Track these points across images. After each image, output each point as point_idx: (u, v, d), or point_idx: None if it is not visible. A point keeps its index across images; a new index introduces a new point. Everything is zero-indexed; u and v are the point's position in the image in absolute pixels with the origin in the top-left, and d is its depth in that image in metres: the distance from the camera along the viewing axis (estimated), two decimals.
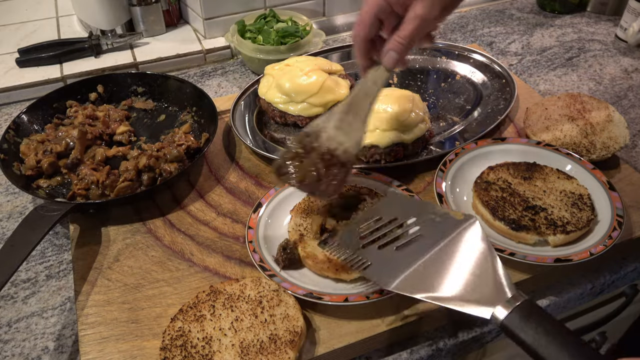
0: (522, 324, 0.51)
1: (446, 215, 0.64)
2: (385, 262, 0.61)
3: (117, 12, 1.17)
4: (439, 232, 0.62)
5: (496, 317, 0.53)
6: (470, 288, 0.56)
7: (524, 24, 1.35)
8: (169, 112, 0.98)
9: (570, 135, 0.86)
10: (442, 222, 0.63)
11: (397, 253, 0.62)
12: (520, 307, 0.52)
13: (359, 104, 0.68)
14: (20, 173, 0.82)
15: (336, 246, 0.65)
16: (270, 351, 0.57)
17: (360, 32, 0.65)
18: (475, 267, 0.57)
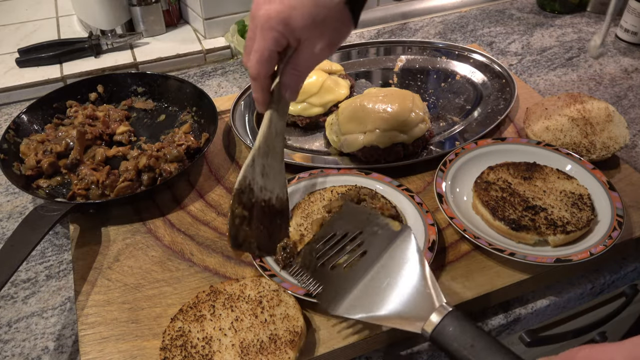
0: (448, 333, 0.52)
1: (386, 226, 0.65)
2: (334, 284, 0.62)
3: (117, 12, 1.17)
4: (379, 246, 0.63)
5: (426, 330, 0.54)
6: (403, 303, 0.57)
7: (524, 24, 1.35)
8: (169, 112, 0.98)
9: (570, 135, 0.86)
10: (382, 234, 0.64)
11: (344, 273, 0.62)
12: (448, 317, 0.53)
13: (274, 145, 0.65)
14: (20, 173, 0.82)
15: (297, 268, 0.66)
16: (270, 351, 0.57)
17: (263, 70, 0.62)
18: (408, 281, 0.58)
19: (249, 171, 0.64)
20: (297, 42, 0.60)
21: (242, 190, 0.63)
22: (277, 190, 0.66)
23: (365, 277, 0.60)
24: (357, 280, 0.60)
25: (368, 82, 1.06)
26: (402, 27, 1.34)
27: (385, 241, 0.63)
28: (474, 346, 0.51)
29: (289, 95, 0.64)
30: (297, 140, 0.92)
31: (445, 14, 1.41)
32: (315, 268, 0.65)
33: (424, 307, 0.55)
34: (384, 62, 1.11)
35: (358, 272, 0.61)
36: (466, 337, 0.52)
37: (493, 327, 0.68)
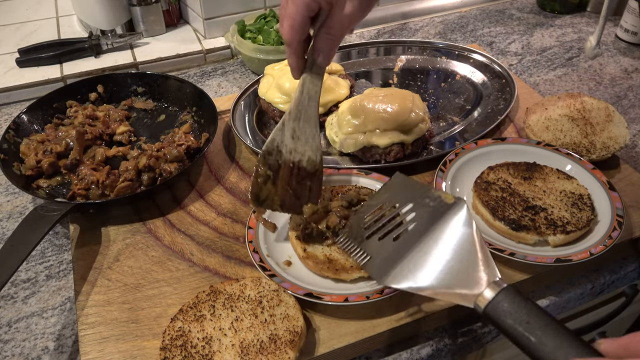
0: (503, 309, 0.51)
1: (438, 199, 0.63)
2: (382, 254, 0.61)
3: (117, 12, 1.17)
4: (430, 218, 0.62)
5: (479, 305, 0.53)
6: (454, 276, 0.55)
7: (524, 24, 1.35)
8: (169, 112, 0.98)
9: (570, 135, 0.86)
10: (434, 206, 0.63)
11: (393, 244, 0.62)
12: (503, 292, 0.52)
13: (307, 109, 0.67)
14: (20, 173, 0.82)
15: (344, 239, 0.66)
16: (270, 351, 0.57)
17: (296, 35, 0.63)
18: (461, 254, 0.57)
19: (278, 134, 0.66)
20: (329, 6, 0.62)
21: (269, 152, 0.66)
22: (308, 153, 0.66)
23: (416, 249, 0.59)
24: (406, 252, 0.59)
25: (368, 82, 1.06)
26: (402, 27, 1.34)
27: (437, 213, 0.61)
28: (530, 323, 0.49)
29: (322, 59, 0.65)
30: None
31: (445, 14, 1.41)
32: (362, 238, 0.64)
33: (477, 281, 0.54)
34: (384, 62, 1.11)
35: (408, 243, 0.60)
36: (522, 314, 0.50)
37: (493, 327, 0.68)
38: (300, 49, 0.65)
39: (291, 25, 0.62)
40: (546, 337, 0.48)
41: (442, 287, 0.55)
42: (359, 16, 0.64)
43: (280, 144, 0.66)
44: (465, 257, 0.56)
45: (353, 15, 0.62)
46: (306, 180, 0.67)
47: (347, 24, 0.63)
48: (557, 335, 0.48)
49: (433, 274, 0.57)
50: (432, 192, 0.65)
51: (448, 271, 0.56)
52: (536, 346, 0.48)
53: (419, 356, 0.65)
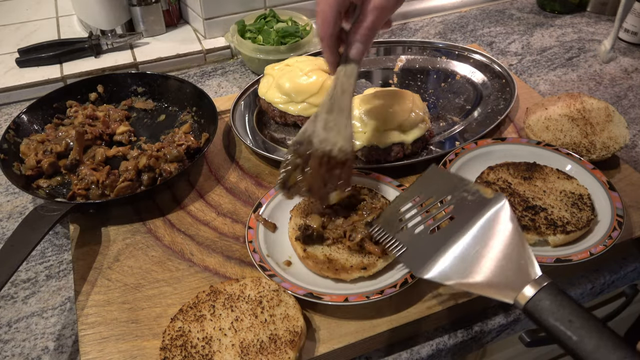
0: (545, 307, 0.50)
1: (477, 193, 0.63)
2: (419, 246, 0.61)
3: (117, 12, 1.17)
4: (469, 212, 0.61)
5: (519, 302, 0.52)
6: (495, 272, 0.55)
7: (524, 24, 1.35)
8: (169, 112, 0.98)
9: (570, 135, 0.86)
10: (473, 201, 0.62)
11: (430, 237, 0.62)
12: (545, 290, 0.51)
13: (340, 101, 0.68)
14: (20, 173, 0.82)
15: (378, 229, 0.66)
16: (270, 351, 0.57)
17: (328, 29, 0.65)
18: (502, 250, 0.57)
19: (311, 125, 0.68)
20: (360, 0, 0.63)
21: (299, 142, 0.68)
22: (340, 142, 0.67)
23: (455, 243, 0.59)
24: (445, 245, 0.59)
25: (368, 82, 1.06)
26: (402, 27, 1.34)
27: (477, 208, 0.61)
28: (572, 321, 0.49)
29: (355, 53, 0.67)
30: None
31: (445, 14, 1.41)
32: (397, 229, 0.64)
33: (518, 278, 0.53)
34: (384, 62, 1.11)
35: (446, 237, 0.60)
36: (564, 312, 0.49)
37: (493, 327, 0.68)
38: (334, 44, 0.67)
39: (323, 19, 0.65)
40: (588, 337, 0.48)
41: (482, 283, 0.55)
42: (391, 8, 0.65)
43: (312, 134, 0.67)
44: (507, 253, 0.56)
45: (385, 8, 0.63)
46: (336, 168, 0.67)
47: (379, 17, 0.64)
48: (599, 335, 0.48)
49: (473, 268, 0.56)
50: (470, 185, 0.64)
51: (488, 266, 0.56)
52: (578, 345, 0.48)
53: (419, 356, 0.65)
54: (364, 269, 0.65)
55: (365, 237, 0.67)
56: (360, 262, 0.66)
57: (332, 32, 0.65)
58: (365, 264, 0.65)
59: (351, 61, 0.68)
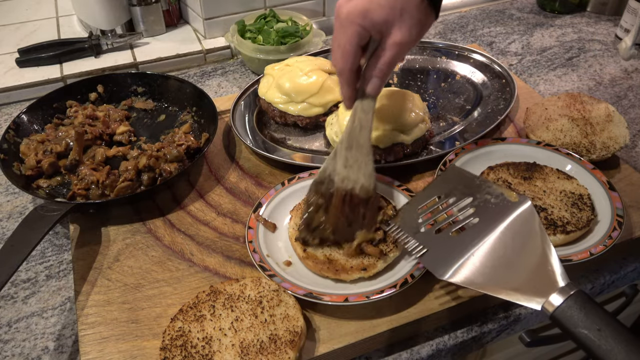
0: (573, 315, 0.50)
1: (501, 196, 0.62)
2: (440, 248, 0.60)
3: (117, 12, 1.17)
4: (493, 215, 0.60)
5: (546, 309, 0.52)
6: (521, 278, 0.54)
7: (524, 24, 1.35)
8: (169, 112, 0.98)
9: (570, 135, 0.86)
10: (497, 204, 0.62)
11: (452, 239, 0.61)
12: (573, 298, 0.51)
13: (359, 138, 0.68)
14: (20, 173, 0.82)
15: (396, 228, 0.65)
16: (270, 351, 0.57)
17: (347, 64, 0.64)
18: (528, 255, 0.56)
19: (331, 163, 0.68)
20: (379, 35, 0.63)
21: (321, 181, 0.68)
22: (361, 180, 0.66)
23: (479, 246, 0.58)
24: (468, 248, 0.58)
25: None
26: None
27: (502, 211, 0.60)
28: (601, 330, 0.48)
29: (371, 88, 0.66)
30: (297, 140, 0.92)
31: (445, 14, 1.41)
32: (417, 230, 0.63)
33: (545, 285, 0.53)
34: None
35: (470, 239, 0.59)
36: (593, 321, 0.49)
37: (493, 327, 0.68)
38: (352, 78, 0.66)
39: (342, 54, 0.63)
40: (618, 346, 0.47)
41: (508, 289, 0.54)
42: (410, 44, 0.63)
43: (333, 172, 0.67)
44: (533, 259, 0.55)
45: (403, 44, 0.62)
46: (359, 206, 0.66)
47: (399, 53, 0.63)
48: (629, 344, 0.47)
49: (499, 273, 0.55)
50: (494, 188, 0.64)
51: (514, 272, 0.55)
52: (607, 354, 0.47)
53: (419, 356, 0.65)
54: (364, 270, 0.65)
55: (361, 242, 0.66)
56: (360, 263, 0.66)
57: (351, 66, 0.64)
58: (365, 265, 0.65)
59: (368, 96, 0.67)
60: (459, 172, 0.69)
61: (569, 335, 0.50)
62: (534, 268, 0.55)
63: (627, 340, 0.48)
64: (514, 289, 0.54)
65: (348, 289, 0.65)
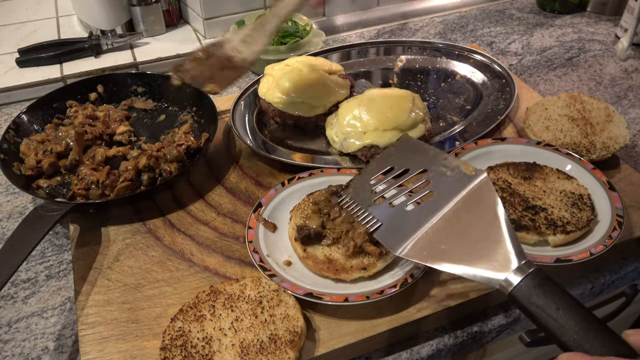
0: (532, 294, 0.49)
1: (457, 169, 0.60)
2: (395, 222, 0.58)
3: (117, 12, 1.17)
4: (449, 188, 0.58)
5: (504, 287, 0.50)
6: (478, 255, 0.52)
7: (524, 24, 1.35)
8: (169, 112, 0.98)
9: (570, 135, 0.86)
10: (453, 176, 0.60)
11: (407, 212, 0.58)
12: (531, 276, 0.50)
13: (267, 23, 0.75)
14: (20, 173, 0.82)
15: (348, 200, 0.63)
16: (270, 351, 0.57)
17: None
18: (485, 231, 0.54)
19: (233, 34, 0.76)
20: None
21: (214, 43, 0.75)
22: (246, 54, 0.74)
23: (435, 221, 0.56)
24: (423, 223, 0.56)
25: (368, 82, 1.06)
26: (402, 27, 1.34)
27: (458, 184, 0.58)
28: (559, 309, 0.47)
29: None
30: (297, 140, 0.92)
31: (445, 14, 1.41)
32: (370, 202, 0.61)
33: (502, 263, 0.51)
34: (384, 62, 1.11)
35: (425, 213, 0.57)
36: (550, 300, 0.48)
37: (493, 327, 0.68)
38: None
39: None
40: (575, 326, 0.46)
41: (464, 265, 0.52)
42: None
43: (227, 41, 0.76)
44: (491, 236, 0.53)
45: None
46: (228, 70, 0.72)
47: None
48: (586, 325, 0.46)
49: (455, 250, 0.53)
50: (450, 160, 0.61)
51: (471, 249, 0.53)
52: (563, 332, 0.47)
53: (419, 356, 0.65)
54: (364, 269, 0.65)
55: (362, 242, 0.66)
56: (360, 263, 0.66)
57: None
58: (365, 264, 0.65)
59: None
60: (413, 143, 0.66)
61: (527, 314, 0.49)
62: (491, 245, 0.53)
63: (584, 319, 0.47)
64: (471, 266, 0.52)
65: (348, 289, 0.65)
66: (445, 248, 0.54)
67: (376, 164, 0.66)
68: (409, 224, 0.57)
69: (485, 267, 0.52)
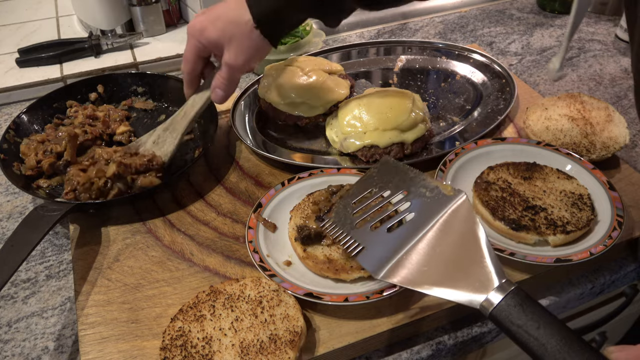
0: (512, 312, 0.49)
1: (436, 190, 0.60)
2: (376, 245, 0.58)
3: (117, 12, 1.17)
4: (428, 210, 0.58)
5: (485, 307, 0.50)
6: (458, 276, 0.52)
7: (524, 24, 1.35)
8: (169, 112, 0.98)
9: (570, 135, 0.86)
10: (432, 197, 0.60)
11: (388, 235, 0.59)
12: (511, 295, 0.50)
13: (177, 124, 0.82)
14: (20, 173, 0.82)
15: (331, 224, 0.63)
16: (270, 351, 0.57)
17: (186, 69, 0.77)
18: (465, 251, 0.54)
19: (146, 136, 0.83)
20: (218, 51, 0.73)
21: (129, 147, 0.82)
22: (157, 154, 0.80)
23: (415, 243, 0.56)
24: (404, 245, 0.56)
25: (368, 82, 1.06)
26: (402, 27, 1.34)
27: (437, 206, 0.58)
28: (539, 328, 0.47)
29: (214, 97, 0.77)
30: (297, 140, 0.92)
31: (445, 14, 1.41)
32: (352, 226, 0.61)
33: (483, 282, 0.51)
34: (384, 62, 1.11)
35: (405, 235, 0.57)
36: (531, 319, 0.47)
37: (493, 327, 0.68)
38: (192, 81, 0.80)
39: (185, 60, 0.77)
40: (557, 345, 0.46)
41: (445, 287, 0.53)
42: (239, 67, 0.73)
43: (142, 143, 0.83)
44: (470, 256, 0.54)
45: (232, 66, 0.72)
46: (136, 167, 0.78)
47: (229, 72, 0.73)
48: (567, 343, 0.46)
49: (435, 271, 0.54)
50: (428, 181, 0.62)
51: (452, 270, 0.53)
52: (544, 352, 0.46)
53: (419, 356, 0.65)
54: (364, 269, 0.65)
55: None
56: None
57: (190, 71, 0.78)
58: None
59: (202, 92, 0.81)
60: (393, 164, 0.67)
61: (507, 334, 0.49)
62: (471, 265, 0.53)
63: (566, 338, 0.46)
64: (452, 288, 0.52)
65: (348, 289, 0.65)
66: (426, 270, 0.54)
67: (357, 187, 0.67)
68: (389, 247, 0.57)
69: (466, 288, 0.52)
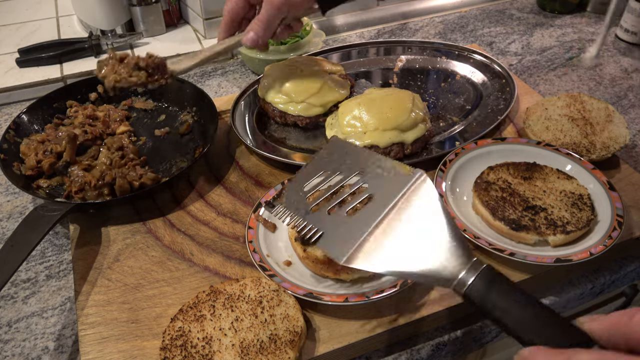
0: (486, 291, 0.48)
1: (394, 169, 0.58)
2: (337, 230, 0.56)
3: (117, 12, 1.17)
4: (388, 190, 0.56)
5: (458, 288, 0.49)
6: (428, 257, 0.51)
7: (524, 24, 1.35)
8: (169, 112, 0.98)
9: (570, 135, 0.86)
10: (390, 177, 0.58)
11: (348, 219, 0.56)
12: (482, 274, 0.49)
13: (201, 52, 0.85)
14: (20, 173, 0.82)
15: (284, 211, 0.60)
16: (270, 351, 0.57)
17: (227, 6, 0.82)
18: (430, 231, 0.52)
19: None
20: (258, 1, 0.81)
21: None
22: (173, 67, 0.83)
23: (378, 225, 0.54)
24: (366, 228, 0.54)
25: (368, 82, 1.06)
26: (402, 27, 1.34)
27: (396, 185, 0.56)
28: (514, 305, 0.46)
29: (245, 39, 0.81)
30: (297, 140, 0.92)
31: (445, 14, 1.41)
32: (307, 211, 0.58)
33: (453, 262, 0.50)
34: (384, 62, 1.11)
35: (366, 218, 0.55)
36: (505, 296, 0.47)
37: (493, 327, 0.68)
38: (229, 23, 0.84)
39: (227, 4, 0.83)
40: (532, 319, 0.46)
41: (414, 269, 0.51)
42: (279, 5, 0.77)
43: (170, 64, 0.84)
44: (439, 236, 0.52)
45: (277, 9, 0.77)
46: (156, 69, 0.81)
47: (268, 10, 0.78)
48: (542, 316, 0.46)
49: (401, 254, 0.52)
50: (383, 161, 0.60)
51: (419, 251, 0.51)
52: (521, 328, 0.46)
53: (419, 356, 0.65)
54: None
55: None
56: None
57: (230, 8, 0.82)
58: None
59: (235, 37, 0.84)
60: (344, 144, 0.64)
61: (483, 312, 0.48)
62: (439, 245, 0.51)
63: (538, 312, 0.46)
64: (421, 269, 0.51)
65: (348, 289, 0.65)
66: (390, 253, 0.52)
67: (307, 170, 0.63)
68: (350, 231, 0.55)
69: (435, 269, 0.50)
